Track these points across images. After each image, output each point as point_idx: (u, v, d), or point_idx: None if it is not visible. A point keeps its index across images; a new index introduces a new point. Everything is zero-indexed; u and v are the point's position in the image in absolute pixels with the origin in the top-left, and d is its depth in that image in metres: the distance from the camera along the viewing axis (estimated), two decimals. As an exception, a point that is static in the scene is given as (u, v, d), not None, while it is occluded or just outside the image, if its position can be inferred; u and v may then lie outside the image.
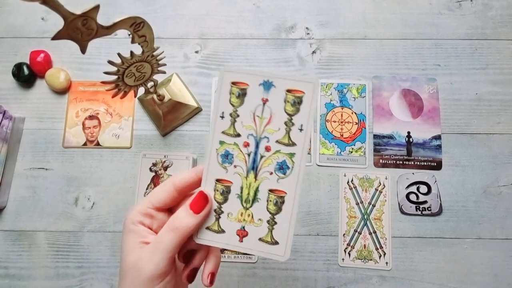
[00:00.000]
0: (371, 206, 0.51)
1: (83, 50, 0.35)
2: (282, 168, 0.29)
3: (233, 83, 0.29)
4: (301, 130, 0.29)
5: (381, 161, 0.53)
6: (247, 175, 0.30)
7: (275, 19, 0.58)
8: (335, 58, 0.56)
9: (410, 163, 0.53)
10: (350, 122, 0.54)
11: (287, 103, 0.29)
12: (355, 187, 0.52)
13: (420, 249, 0.50)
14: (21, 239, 0.51)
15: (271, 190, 0.29)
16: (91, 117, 0.54)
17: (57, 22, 0.58)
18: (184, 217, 0.28)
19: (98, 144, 0.54)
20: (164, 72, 0.45)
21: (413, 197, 0.51)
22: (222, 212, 0.30)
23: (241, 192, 0.30)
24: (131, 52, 0.39)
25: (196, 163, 0.53)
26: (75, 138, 0.54)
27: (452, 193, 0.52)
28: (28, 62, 0.55)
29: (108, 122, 0.54)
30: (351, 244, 0.50)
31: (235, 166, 0.30)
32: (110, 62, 0.38)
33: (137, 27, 0.36)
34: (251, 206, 0.30)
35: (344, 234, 0.50)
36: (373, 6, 0.58)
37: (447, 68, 0.56)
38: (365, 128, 0.54)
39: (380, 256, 0.50)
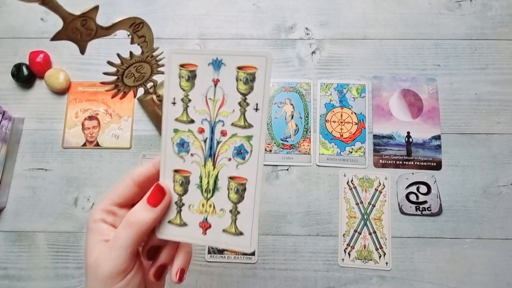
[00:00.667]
0: (371, 206, 0.51)
1: (82, 51, 0.35)
2: (241, 152, 0.27)
3: (181, 65, 0.27)
4: (256, 109, 0.26)
5: (380, 161, 0.53)
6: (205, 163, 0.28)
7: (275, 19, 0.58)
8: (335, 58, 0.56)
9: (410, 163, 0.52)
10: (350, 122, 0.54)
11: (239, 82, 0.26)
12: (355, 187, 0.52)
13: (420, 249, 0.50)
14: (20, 239, 0.51)
15: (231, 177, 0.27)
16: (90, 118, 0.54)
17: (56, 23, 0.58)
18: (140, 211, 0.27)
19: (97, 144, 0.54)
20: (163, 73, 0.45)
21: (413, 197, 0.51)
22: (183, 204, 0.28)
23: (201, 182, 0.28)
24: (131, 53, 0.39)
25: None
26: (75, 139, 0.54)
27: (452, 193, 0.52)
28: (28, 63, 0.55)
29: (108, 123, 0.54)
30: (351, 244, 0.50)
31: (192, 155, 0.28)
32: (110, 63, 0.38)
33: (137, 28, 0.36)
34: (212, 196, 0.28)
35: (344, 234, 0.50)
36: (373, 6, 0.58)
37: (446, 68, 0.56)
38: (364, 128, 0.54)
39: (380, 256, 0.50)
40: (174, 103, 0.28)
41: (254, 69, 0.26)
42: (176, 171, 0.28)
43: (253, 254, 0.50)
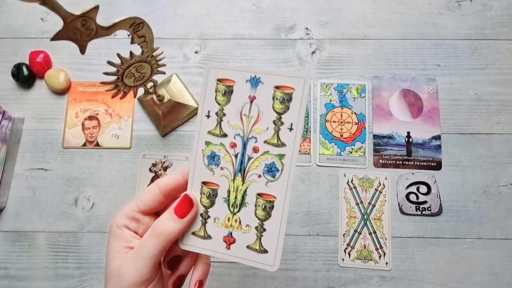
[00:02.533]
0: (371, 206, 0.51)
1: (82, 51, 0.35)
2: (271, 170, 0.27)
3: (219, 80, 0.28)
4: (291, 129, 0.27)
5: (381, 161, 0.53)
6: (234, 178, 0.28)
7: (275, 19, 0.58)
8: (335, 58, 0.56)
9: (410, 163, 0.52)
10: (350, 122, 0.54)
11: (275, 101, 0.27)
12: (355, 187, 0.52)
13: (420, 249, 0.50)
14: (20, 239, 0.51)
15: (259, 194, 0.27)
16: (90, 118, 0.54)
17: (56, 23, 0.58)
18: (167, 222, 0.27)
19: (97, 144, 0.54)
20: (163, 73, 0.45)
21: (413, 197, 0.51)
22: (209, 216, 0.28)
23: (228, 196, 0.28)
24: (131, 53, 0.39)
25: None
26: (75, 139, 0.54)
27: (452, 193, 0.52)
28: (28, 63, 0.55)
29: (108, 123, 0.54)
30: (351, 244, 0.50)
31: (221, 168, 0.28)
32: (110, 63, 0.38)
33: (137, 28, 0.36)
34: (238, 211, 0.28)
35: (344, 234, 0.50)
36: (373, 6, 0.58)
37: (446, 68, 0.56)
38: (364, 128, 0.54)
39: (380, 256, 0.50)
40: (208, 116, 0.28)
41: (291, 89, 0.26)
42: (204, 183, 0.28)
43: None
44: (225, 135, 0.28)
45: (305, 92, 0.26)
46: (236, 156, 0.28)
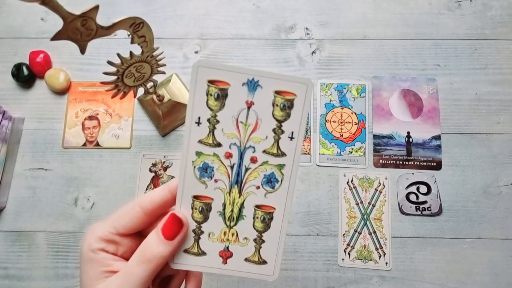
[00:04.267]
0: (371, 206, 0.51)
1: (82, 51, 0.35)
2: (271, 181, 0.26)
3: (211, 81, 0.24)
4: (291, 138, 0.25)
5: (381, 161, 0.53)
6: (230, 190, 0.26)
7: (275, 19, 0.58)
8: (335, 58, 0.56)
9: (410, 163, 0.52)
10: (350, 122, 0.54)
11: (275, 107, 0.24)
12: (355, 187, 0.52)
13: (420, 249, 0.50)
14: (20, 239, 0.51)
15: (257, 206, 0.26)
16: (90, 118, 0.54)
17: (56, 23, 0.58)
18: (156, 246, 0.24)
19: (97, 144, 0.54)
20: (163, 73, 0.45)
21: (413, 197, 0.51)
22: (202, 232, 0.26)
23: (224, 209, 0.26)
24: (131, 53, 0.39)
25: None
26: (75, 139, 0.54)
27: (452, 193, 0.52)
28: (28, 63, 0.55)
29: (108, 123, 0.54)
30: (351, 244, 0.50)
31: (216, 181, 0.26)
32: (110, 63, 0.38)
33: (137, 28, 0.36)
34: (235, 225, 0.26)
35: (344, 234, 0.50)
36: (373, 6, 0.58)
37: (446, 68, 0.56)
38: (364, 128, 0.54)
39: (380, 256, 0.50)
40: (198, 123, 0.25)
41: (293, 95, 0.24)
42: (196, 197, 0.26)
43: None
44: (219, 145, 0.25)
45: (308, 99, 0.24)
46: (232, 167, 0.25)
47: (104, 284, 0.24)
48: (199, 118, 0.25)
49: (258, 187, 0.26)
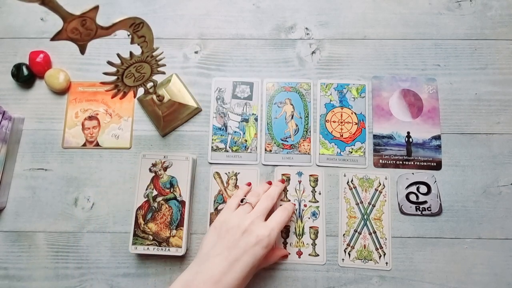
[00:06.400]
0: (371, 206, 0.51)
1: (82, 51, 0.35)
2: (314, 214, 0.51)
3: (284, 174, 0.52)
4: (320, 193, 0.51)
5: (381, 161, 0.53)
6: (296, 220, 0.51)
7: (274, 19, 0.58)
8: (335, 58, 0.56)
9: (410, 163, 0.52)
10: (350, 122, 0.54)
11: (311, 181, 0.52)
12: (355, 187, 0.52)
13: (420, 249, 0.50)
14: (20, 240, 0.51)
15: (310, 227, 0.50)
16: (90, 118, 0.54)
17: (56, 23, 0.58)
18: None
19: (97, 144, 0.54)
20: (163, 73, 0.45)
21: (413, 197, 0.51)
22: (287, 243, 0.50)
23: (296, 230, 0.50)
24: (131, 53, 0.39)
25: (196, 164, 0.53)
26: (75, 139, 0.54)
27: (452, 193, 0.52)
28: (28, 63, 0.55)
29: (108, 123, 0.54)
30: (351, 244, 0.50)
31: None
32: (110, 63, 0.38)
33: (137, 28, 0.36)
34: (302, 237, 0.50)
35: (344, 234, 0.50)
36: (373, 6, 0.58)
37: (446, 68, 0.56)
38: (364, 128, 0.54)
39: (380, 256, 0.50)
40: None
41: (316, 175, 0.52)
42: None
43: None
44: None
45: (322, 179, 0.52)
46: (297, 210, 0.51)
47: None
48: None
49: (309, 218, 0.51)
